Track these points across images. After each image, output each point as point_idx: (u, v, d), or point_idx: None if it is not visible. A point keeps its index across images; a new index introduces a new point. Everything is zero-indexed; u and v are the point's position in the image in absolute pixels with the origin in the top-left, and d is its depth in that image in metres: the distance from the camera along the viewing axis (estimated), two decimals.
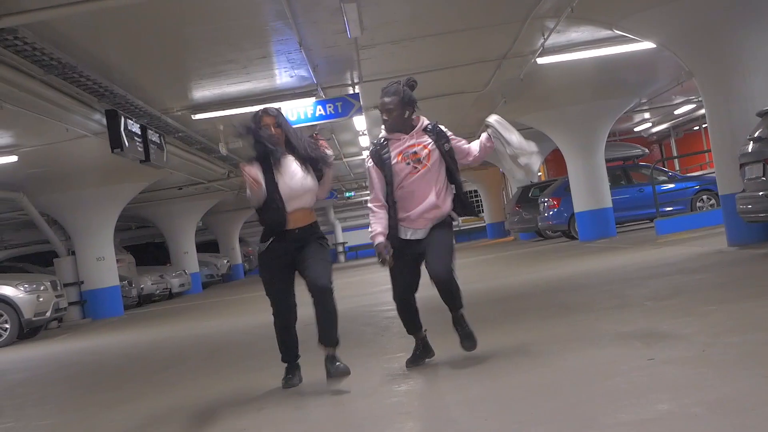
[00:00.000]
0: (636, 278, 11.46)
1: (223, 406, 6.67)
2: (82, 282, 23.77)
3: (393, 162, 6.70)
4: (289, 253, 6.68)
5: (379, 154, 6.77)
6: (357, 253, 50.70)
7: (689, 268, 11.63)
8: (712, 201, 23.36)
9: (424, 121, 6.89)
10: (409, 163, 6.69)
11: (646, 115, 33.00)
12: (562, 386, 5.41)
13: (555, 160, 35.50)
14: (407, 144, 6.74)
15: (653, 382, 5.05)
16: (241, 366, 9.01)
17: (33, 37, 10.62)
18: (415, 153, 6.71)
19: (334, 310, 6.55)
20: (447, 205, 6.77)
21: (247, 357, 9.73)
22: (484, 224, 44.14)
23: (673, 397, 4.59)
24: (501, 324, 6.71)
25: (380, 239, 6.70)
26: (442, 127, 6.92)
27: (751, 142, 11.69)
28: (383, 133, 6.90)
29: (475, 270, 18.86)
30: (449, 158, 6.78)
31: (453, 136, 6.91)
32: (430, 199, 6.67)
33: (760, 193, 11.34)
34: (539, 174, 36.46)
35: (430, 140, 6.77)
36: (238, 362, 9.42)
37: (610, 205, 23.61)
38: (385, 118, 6.78)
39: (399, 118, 6.76)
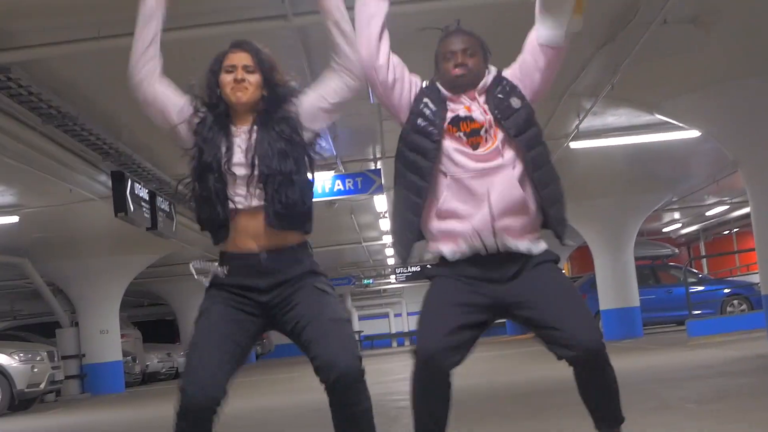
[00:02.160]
0: (671, 379, 10.54)
1: None
2: (84, 355, 23.03)
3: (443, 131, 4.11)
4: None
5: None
6: (372, 342, 49.81)
7: (730, 372, 10.69)
8: (743, 306, 22.69)
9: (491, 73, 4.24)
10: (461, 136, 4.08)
11: (676, 215, 32.41)
12: None
13: (580, 258, 34.79)
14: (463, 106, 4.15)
15: None
16: None
17: (28, 79, 9.85)
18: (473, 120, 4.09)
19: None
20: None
21: None
22: (504, 320, 43.14)
23: None
24: (527, 421, 5.70)
25: None
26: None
27: None
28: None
29: (493, 364, 17.91)
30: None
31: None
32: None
33: None
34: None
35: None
36: None
37: (637, 304, 22.75)
38: (459, 72, 4.12)
39: (483, 66, 4.20)
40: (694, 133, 14.72)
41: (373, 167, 16.88)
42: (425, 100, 4.13)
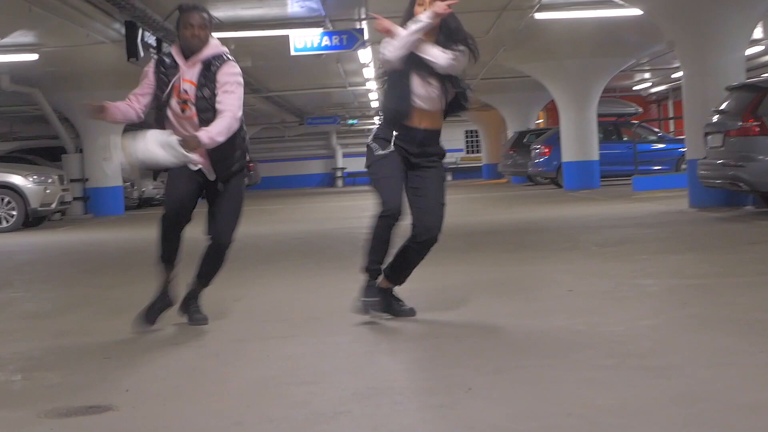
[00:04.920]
0: (596, 227, 12.47)
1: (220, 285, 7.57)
2: (87, 179, 24.48)
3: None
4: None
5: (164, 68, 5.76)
6: (355, 180, 51.34)
7: (645, 223, 12.64)
8: None
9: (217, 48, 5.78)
10: (179, 103, 5.75)
11: (646, 75, 33.57)
12: (497, 319, 6.49)
13: (554, 109, 36.15)
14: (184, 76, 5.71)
15: (562, 307, 6.15)
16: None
17: None
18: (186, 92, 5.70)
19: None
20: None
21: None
22: (481, 164, 44.59)
23: (569, 317, 5.70)
24: (463, 254, 7.81)
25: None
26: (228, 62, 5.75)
27: (716, 114, 12.69)
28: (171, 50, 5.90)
29: (458, 207, 19.69)
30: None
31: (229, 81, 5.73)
32: None
33: (719, 161, 12.36)
34: (539, 121, 37.00)
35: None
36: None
37: (596, 158, 24.37)
38: (190, 34, 5.67)
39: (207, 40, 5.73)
40: None
41: (358, 26, 18.37)
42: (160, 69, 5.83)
